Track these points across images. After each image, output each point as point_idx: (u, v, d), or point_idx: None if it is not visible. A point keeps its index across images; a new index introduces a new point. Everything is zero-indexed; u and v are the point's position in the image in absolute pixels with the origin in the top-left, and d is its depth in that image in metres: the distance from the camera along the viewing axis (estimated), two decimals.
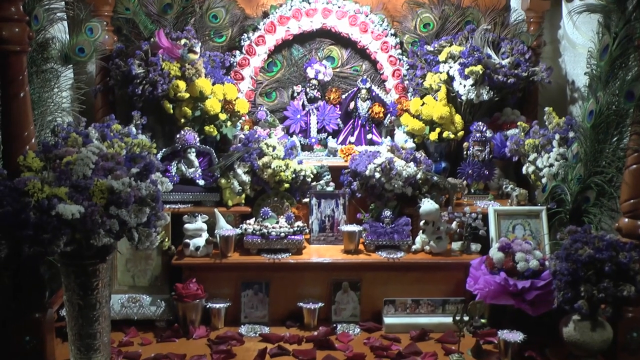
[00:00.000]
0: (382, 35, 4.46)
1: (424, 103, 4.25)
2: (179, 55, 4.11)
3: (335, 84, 4.55)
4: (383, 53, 4.47)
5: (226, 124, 4.17)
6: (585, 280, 3.04)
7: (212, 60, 4.35)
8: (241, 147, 3.98)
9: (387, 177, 3.81)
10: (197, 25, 4.41)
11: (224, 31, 4.48)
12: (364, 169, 3.85)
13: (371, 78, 4.53)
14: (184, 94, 4.06)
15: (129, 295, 3.70)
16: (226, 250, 3.72)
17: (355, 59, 4.58)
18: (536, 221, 3.82)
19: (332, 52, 4.57)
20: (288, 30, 4.43)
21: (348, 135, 4.43)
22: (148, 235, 2.93)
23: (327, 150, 4.33)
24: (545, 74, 4.24)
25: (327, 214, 3.97)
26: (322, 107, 4.41)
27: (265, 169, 3.87)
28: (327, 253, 3.81)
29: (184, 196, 3.94)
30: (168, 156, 4.06)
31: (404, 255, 3.76)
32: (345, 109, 4.46)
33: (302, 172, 3.92)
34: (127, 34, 4.35)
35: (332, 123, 4.42)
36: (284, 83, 4.57)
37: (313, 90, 4.39)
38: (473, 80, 4.09)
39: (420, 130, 4.22)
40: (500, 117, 4.41)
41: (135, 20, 4.32)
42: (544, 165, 3.82)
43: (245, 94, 4.45)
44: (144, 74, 4.06)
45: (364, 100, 4.42)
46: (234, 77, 4.43)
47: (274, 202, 3.96)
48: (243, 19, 4.50)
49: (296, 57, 4.56)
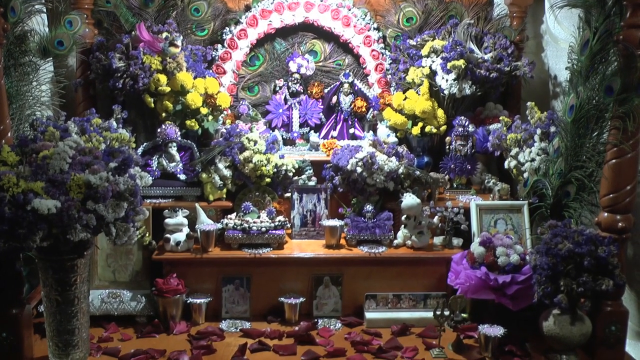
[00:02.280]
0: (365, 29, 4.44)
1: (407, 97, 4.24)
2: (160, 48, 4.07)
3: (318, 78, 4.53)
4: (366, 47, 4.45)
5: (208, 118, 4.14)
6: (564, 275, 3.05)
7: (194, 54, 4.32)
8: (222, 142, 3.95)
9: (369, 172, 3.80)
10: (179, 18, 4.37)
11: (205, 25, 4.44)
12: (345, 164, 3.84)
13: (354, 72, 4.51)
14: (165, 87, 4.03)
15: (109, 291, 3.67)
16: (207, 245, 3.70)
17: (338, 53, 4.56)
18: (518, 216, 3.82)
19: (315, 46, 4.54)
20: (270, 24, 4.41)
21: (330, 130, 4.42)
22: (126, 230, 2.90)
23: (309, 145, 4.31)
24: (527, 69, 4.24)
25: (309, 209, 3.95)
26: (305, 101, 4.39)
27: (247, 164, 3.85)
28: (308, 248, 3.80)
29: (165, 191, 3.92)
30: (149, 150, 4.03)
31: (386, 250, 3.75)
32: (328, 103, 4.44)
33: (283, 167, 3.91)
34: (108, 27, 4.30)
35: (314, 117, 4.40)
36: (267, 77, 4.55)
37: (295, 85, 4.36)
38: (455, 74, 4.08)
39: (402, 124, 4.21)
40: (482, 111, 4.41)
41: (116, 13, 4.25)
42: (525, 160, 3.82)
43: (227, 88, 4.42)
44: (125, 67, 4.02)
45: (346, 95, 4.40)
46: (216, 71, 4.40)
47: (256, 197, 3.94)
48: (225, 13, 4.46)
49: (279, 51, 4.53)
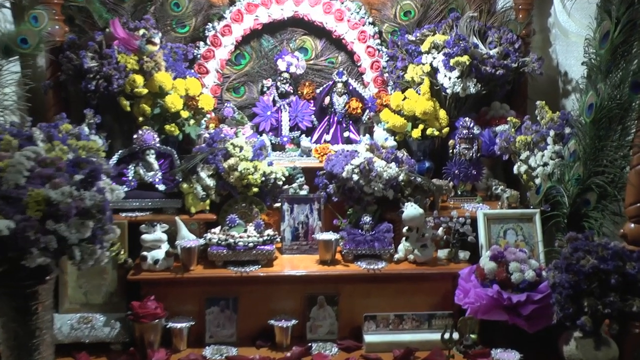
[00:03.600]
0: (359, 24, 4.10)
1: (406, 97, 3.90)
2: (137, 46, 3.72)
3: (309, 78, 4.19)
4: (360, 43, 4.12)
5: (189, 123, 3.79)
6: (588, 294, 2.73)
7: (174, 53, 3.97)
8: (205, 148, 3.60)
9: (366, 180, 3.46)
10: (158, 14, 4.03)
11: (187, 20, 4.09)
12: (340, 171, 3.49)
13: (348, 71, 4.17)
14: (142, 89, 3.68)
15: (81, 315, 3.32)
16: (188, 263, 3.35)
17: (331, 50, 4.22)
18: (529, 225, 3.50)
19: (306, 42, 4.20)
20: (257, 19, 4.06)
21: (323, 133, 4.07)
22: (92, 253, 2.55)
23: (300, 150, 3.97)
24: (536, 65, 3.91)
25: (301, 221, 3.61)
26: (295, 102, 4.05)
27: (232, 172, 3.50)
28: (300, 264, 3.45)
29: (142, 203, 3.56)
30: (125, 158, 3.68)
31: (386, 265, 3.41)
32: (320, 104, 4.10)
33: (272, 175, 3.56)
34: (80, 24, 3.94)
35: (305, 120, 4.05)
36: (254, 77, 4.20)
37: (284, 85, 4.02)
38: (459, 72, 3.74)
39: (401, 127, 3.87)
40: (488, 111, 4.08)
41: (89, 9, 3.90)
42: (537, 165, 3.50)
43: (210, 89, 4.07)
44: (98, 67, 3.67)
45: (340, 95, 4.05)
46: (198, 71, 4.05)
47: (242, 208, 3.59)
48: (208, 7, 4.12)
49: (266, 48, 4.19)
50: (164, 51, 3.90)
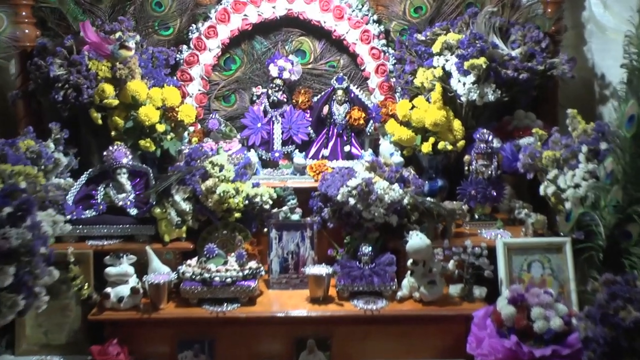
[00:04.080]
0: (362, 22, 3.61)
1: (414, 106, 3.39)
2: (109, 52, 3.29)
3: (306, 84, 3.72)
4: (364, 44, 3.62)
5: (167, 137, 3.34)
6: (629, 353, 2.20)
7: (155, 58, 3.53)
8: (182, 167, 3.15)
9: (365, 204, 2.97)
10: (138, 15, 3.62)
11: (170, 22, 3.66)
12: (335, 193, 3.01)
13: (351, 75, 3.69)
14: (112, 100, 3.25)
15: (39, 358, 2.92)
16: (157, 301, 2.91)
17: (332, 52, 3.74)
18: (558, 257, 2.98)
19: (303, 44, 3.73)
20: (245, 19, 3.60)
21: (321, 148, 3.59)
22: (13, 305, 2.11)
23: (293, 167, 3.49)
24: (566, 67, 3.36)
25: (291, 250, 3.14)
26: (289, 112, 3.58)
27: (210, 195, 3.04)
28: (289, 302, 2.98)
29: (110, 229, 3.12)
30: (96, 178, 3.25)
31: (387, 304, 2.93)
32: (318, 114, 3.62)
33: (257, 198, 3.09)
34: (53, 27, 3.55)
35: (300, 132, 3.57)
36: (245, 83, 3.74)
37: (277, 93, 3.55)
38: (475, 76, 3.22)
39: (409, 140, 3.36)
40: (510, 121, 3.54)
41: (62, 10, 3.50)
42: (567, 186, 2.96)
43: (194, 97, 3.62)
44: (66, 75, 3.25)
45: (340, 104, 3.57)
46: (181, 78, 3.61)
47: (223, 236, 3.13)
48: (194, 7, 3.68)
49: (259, 51, 3.73)
50: (143, 56, 3.50)
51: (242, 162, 3.19)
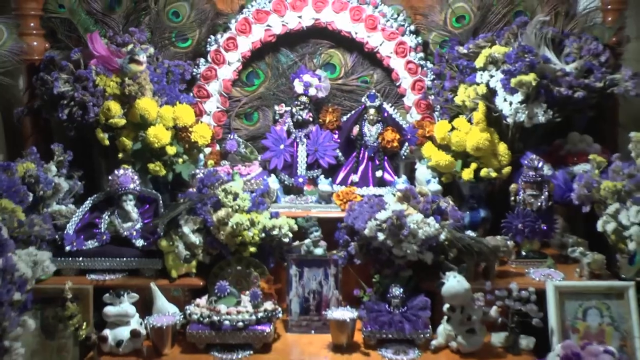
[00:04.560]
0: (398, 33, 3.27)
1: (454, 127, 3.02)
2: (117, 66, 3.02)
3: (335, 101, 3.39)
4: (399, 58, 3.28)
5: (178, 160, 3.04)
6: None
7: (171, 72, 3.24)
8: (194, 194, 2.84)
9: (395, 240, 2.62)
10: (154, 25, 3.34)
11: (189, 33, 3.38)
12: (362, 226, 2.66)
13: (383, 92, 3.35)
14: (118, 120, 2.97)
15: None
16: (161, 346, 2.60)
17: (364, 66, 3.41)
18: (619, 303, 2.58)
19: (333, 57, 3.40)
20: (269, 30, 3.29)
21: (350, 173, 3.23)
22: None
23: (318, 195, 3.14)
24: (630, 84, 2.95)
25: (312, 289, 2.79)
26: (315, 133, 3.24)
27: (222, 227, 2.72)
28: (308, 349, 2.64)
29: (113, 262, 2.84)
30: (101, 204, 2.97)
31: (419, 355, 2.56)
32: (347, 135, 3.27)
33: (275, 230, 2.76)
34: (63, 39, 3.30)
35: (327, 155, 3.23)
36: (270, 100, 3.43)
37: (302, 111, 3.22)
38: (523, 94, 2.84)
39: (448, 166, 3.00)
40: (563, 145, 3.14)
41: (73, 21, 3.25)
42: (631, 223, 2.56)
43: (212, 116, 3.33)
44: (72, 92, 2.98)
45: (372, 124, 3.22)
46: (197, 95, 3.32)
47: (237, 272, 2.82)
48: (214, 16, 3.39)
49: (285, 65, 3.41)
50: (157, 71, 3.22)
51: (259, 189, 2.86)
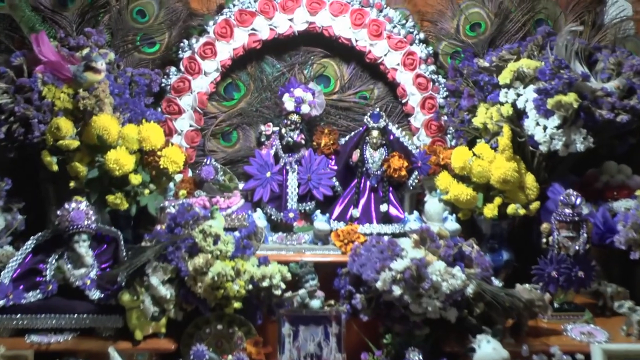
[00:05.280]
0: (406, 42, 2.82)
1: (477, 155, 2.55)
2: (70, 74, 2.47)
3: (329, 120, 2.89)
4: (407, 71, 2.83)
5: (143, 191, 2.51)
6: None
7: (135, 83, 2.71)
8: (163, 234, 2.31)
9: (414, 295, 2.14)
10: (115, 26, 2.80)
11: (156, 35, 2.87)
12: (372, 277, 2.18)
13: (385, 111, 2.86)
14: (70, 141, 2.42)
15: None
16: None
17: (363, 79, 2.95)
18: None
19: (327, 68, 2.92)
20: (254, 34, 2.80)
21: (350, 206, 2.73)
22: None
23: (313, 234, 2.64)
24: None
25: (310, 352, 2.30)
26: (307, 158, 2.74)
27: (200, 278, 2.20)
28: None
29: (61, 319, 2.29)
30: (45, 245, 2.40)
31: None
32: (346, 161, 2.77)
33: (265, 281, 2.24)
34: (2, 39, 2.76)
35: (323, 185, 2.74)
36: (251, 117, 2.93)
37: (293, 132, 2.72)
38: (560, 118, 2.40)
39: (469, 201, 2.54)
40: (597, 176, 2.70)
41: (15, 18, 2.69)
42: None
43: (184, 136, 2.80)
44: (12, 105, 2.42)
45: (375, 148, 2.74)
46: (167, 110, 2.79)
47: (217, 332, 2.29)
48: (187, 17, 2.87)
49: (270, 75, 2.91)
50: (119, 81, 2.69)
51: (244, 229, 2.34)
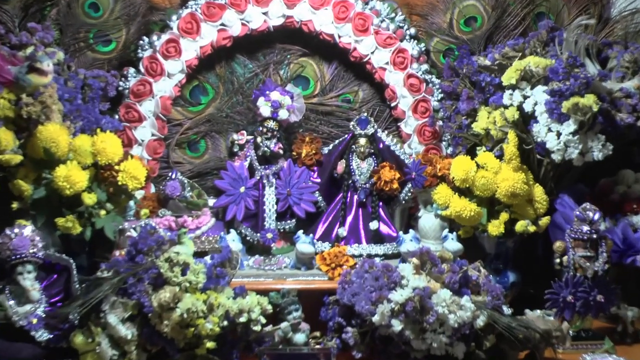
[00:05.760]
0: (396, 38, 2.51)
1: (480, 165, 2.26)
2: (11, 77, 2.11)
3: (308, 126, 2.58)
4: (397, 70, 2.51)
5: (99, 211, 2.16)
6: None
7: (88, 87, 2.36)
8: (124, 263, 1.97)
9: (417, 330, 1.84)
10: (64, 21, 2.46)
11: (113, 32, 2.50)
12: (368, 310, 1.87)
13: (374, 115, 2.55)
14: (11, 156, 2.07)
15: None
16: None
17: (346, 80, 2.62)
18: None
19: (305, 68, 2.60)
20: (223, 30, 2.46)
21: (335, 224, 2.41)
22: None
23: (295, 257, 2.31)
24: None
25: None
26: (287, 170, 2.41)
27: (166, 314, 1.86)
28: None
29: None
30: None
31: None
32: (330, 173, 2.46)
33: (243, 315, 1.92)
34: None
35: (304, 201, 2.41)
36: (221, 124, 2.60)
37: (269, 140, 2.39)
38: (576, 123, 2.11)
39: (473, 217, 2.24)
40: (612, 187, 2.43)
41: None
42: None
43: (145, 146, 2.46)
44: None
45: (363, 158, 2.43)
46: (126, 118, 2.44)
47: None
48: (147, 12, 2.53)
49: (241, 77, 2.58)
50: (69, 84, 2.35)
51: (217, 256, 2.01)
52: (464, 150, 2.39)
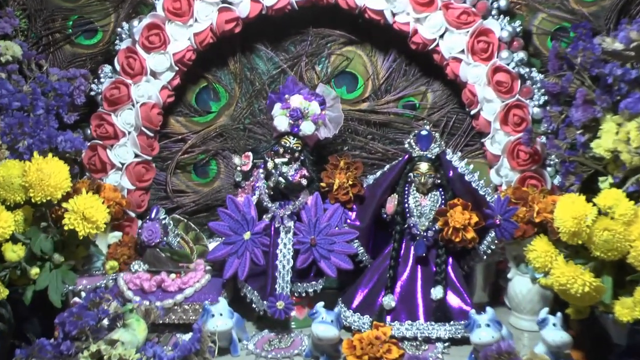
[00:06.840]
0: (475, 15, 1.71)
1: (601, 210, 1.42)
2: None
3: (355, 144, 1.83)
4: (477, 62, 1.71)
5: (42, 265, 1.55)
6: None
7: (54, 91, 1.76)
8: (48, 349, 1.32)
9: None
10: (33, 5, 1.87)
11: (99, 19, 1.90)
12: None
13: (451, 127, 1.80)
14: None
15: None
16: None
17: (409, 78, 1.85)
18: None
19: (352, 61, 1.87)
20: (227, 10, 1.77)
21: (380, 289, 1.63)
22: None
23: (311, 342, 1.55)
24: None
25: None
26: (312, 209, 1.67)
27: None
28: None
29: None
30: None
31: None
32: (376, 214, 1.69)
33: None
34: None
35: (337, 254, 1.65)
36: (237, 140, 1.92)
37: (287, 166, 1.67)
38: None
39: (588, 294, 1.39)
40: None
41: None
42: None
43: (127, 171, 1.81)
44: None
45: (424, 192, 1.65)
46: (97, 133, 1.80)
47: None
48: None
49: (264, 74, 1.89)
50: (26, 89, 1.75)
51: (180, 347, 1.32)
52: (578, 182, 1.56)
